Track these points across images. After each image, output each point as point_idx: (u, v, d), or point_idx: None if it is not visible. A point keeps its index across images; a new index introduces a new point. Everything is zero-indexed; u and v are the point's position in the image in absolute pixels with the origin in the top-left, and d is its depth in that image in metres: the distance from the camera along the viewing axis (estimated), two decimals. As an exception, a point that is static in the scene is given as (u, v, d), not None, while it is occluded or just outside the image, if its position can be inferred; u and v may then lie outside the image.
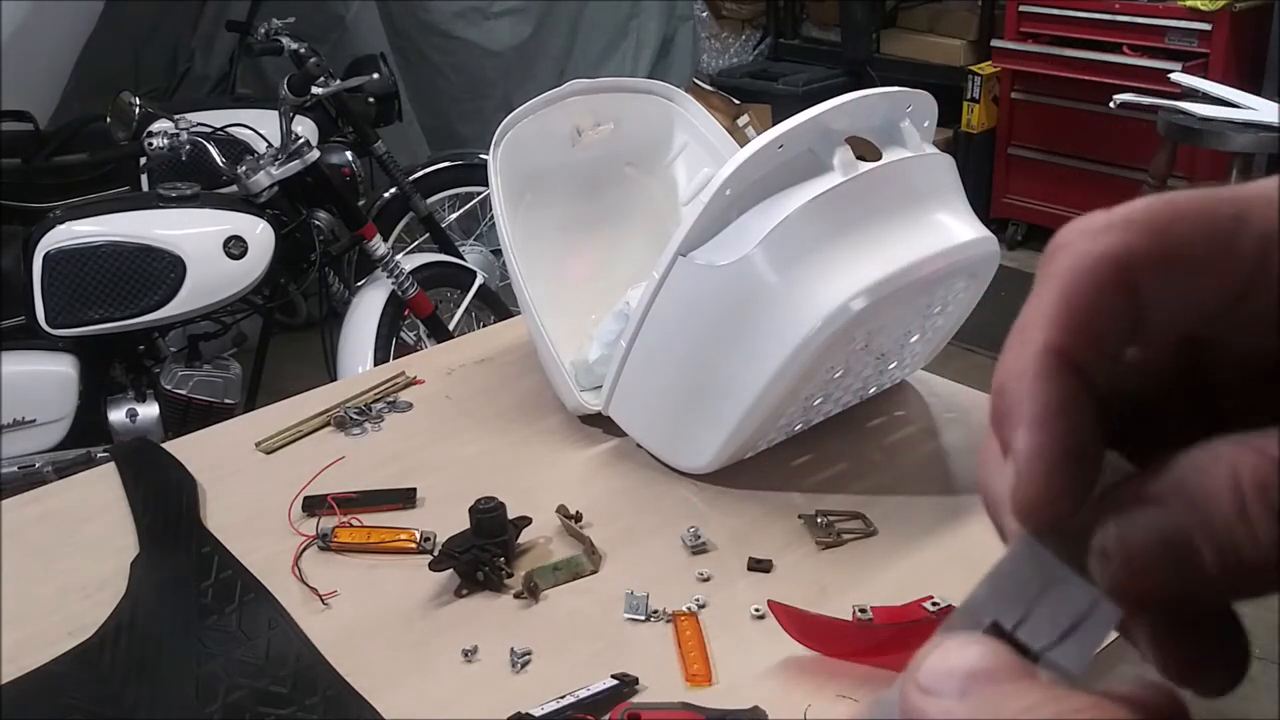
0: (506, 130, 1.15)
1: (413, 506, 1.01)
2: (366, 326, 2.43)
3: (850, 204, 0.93)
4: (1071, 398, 0.22)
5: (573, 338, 1.16)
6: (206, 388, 2.36)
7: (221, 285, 2.28)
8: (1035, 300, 0.23)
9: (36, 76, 3.02)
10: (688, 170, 1.27)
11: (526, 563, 0.92)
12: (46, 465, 2.22)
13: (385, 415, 1.17)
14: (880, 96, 0.98)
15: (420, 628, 0.86)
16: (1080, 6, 3.78)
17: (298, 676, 0.81)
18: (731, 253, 0.93)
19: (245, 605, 0.88)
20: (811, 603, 0.84)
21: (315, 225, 2.46)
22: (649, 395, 1.03)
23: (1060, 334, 0.22)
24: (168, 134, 2.26)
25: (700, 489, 1.02)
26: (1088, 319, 0.22)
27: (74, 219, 2.22)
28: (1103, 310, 0.22)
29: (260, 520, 1.00)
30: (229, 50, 3.47)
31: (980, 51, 4.25)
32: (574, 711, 0.75)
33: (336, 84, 2.56)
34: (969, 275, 1.01)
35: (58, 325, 2.20)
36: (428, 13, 3.86)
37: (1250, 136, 2.79)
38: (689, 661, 0.80)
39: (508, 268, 1.13)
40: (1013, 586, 0.23)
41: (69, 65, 3.20)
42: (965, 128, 4.15)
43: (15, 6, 2.81)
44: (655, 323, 0.99)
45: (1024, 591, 0.23)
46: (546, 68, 4.09)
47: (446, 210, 3.12)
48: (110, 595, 0.90)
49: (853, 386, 1.06)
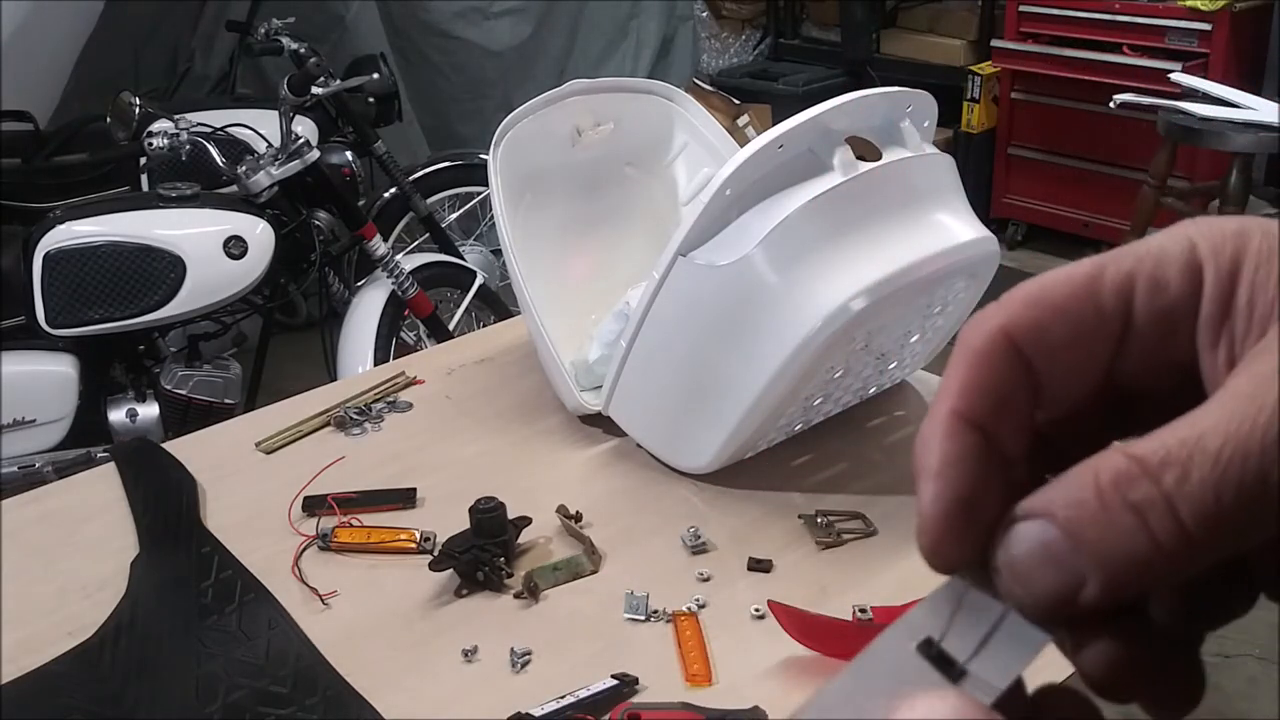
0: (506, 130, 1.15)
1: (413, 506, 1.01)
2: (366, 326, 2.43)
3: (850, 204, 0.93)
4: (967, 452, 0.25)
5: (573, 338, 1.16)
6: (206, 388, 2.36)
7: (221, 285, 2.28)
8: (945, 374, 0.26)
9: (36, 76, 3.02)
10: (688, 170, 1.27)
11: (526, 563, 0.92)
12: (46, 465, 2.22)
13: (385, 415, 1.17)
14: (880, 96, 0.98)
15: (420, 628, 0.86)
16: (1080, 6, 3.78)
17: (298, 676, 0.81)
18: (731, 253, 0.93)
19: (245, 605, 0.88)
20: (811, 603, 0.84)
21: (315, 225, 2.46)
22: (649, 395, 1.03)
23: (959, 399, 0.25)
24: (168, 134, 2.26)
25: (700, 489, 1.02)
26: (982, 383, 0.25)
27: (74, 219, 2.22)
28: (994, 374, 0.25)
29: (260, 520, 1.00)
30: (229, 50, 3.47)
31: (980, 51, 4.25)
32: (574, 711, 0.75)
33: (336, 84, 2.56)
34: (969, 275, 1.01)
35: (58, 325, 2.20)
36: (428, 13, 3.86)
37: (1250, 136, 2.79)
38: (689, 661, 0.80)
39: (508, 268, 1.13)
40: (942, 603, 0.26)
41: (69, 65, 3.20)
42: (965, 128, 4.15)
43: (15, 6, 2.81)
44: (655, 323, 0.99)
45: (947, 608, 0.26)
46: (546, 68, 4.09)
47: (446, 210, 3.12)
48: (110, 595, 0.90)
49: (853, 386, 1.06)
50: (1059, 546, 0.24)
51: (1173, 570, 0.24)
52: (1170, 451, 0.23)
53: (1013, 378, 0.26)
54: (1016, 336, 0.25)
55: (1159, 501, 0.23)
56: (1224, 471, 0.23)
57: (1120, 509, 0.23)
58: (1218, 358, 0.25)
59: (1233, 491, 0.23)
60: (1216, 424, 0.23)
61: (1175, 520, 0.23)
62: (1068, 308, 0.25)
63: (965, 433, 0.25)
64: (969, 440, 0.25)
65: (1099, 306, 0.25)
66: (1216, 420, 0.23)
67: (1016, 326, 0.25)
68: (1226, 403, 0.23)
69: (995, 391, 0.25)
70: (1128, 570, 0.23)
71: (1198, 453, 0.23)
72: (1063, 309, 0.25)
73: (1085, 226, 4.03)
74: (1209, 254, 0.25)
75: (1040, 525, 0.24)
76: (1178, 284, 0.25)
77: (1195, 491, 0.23)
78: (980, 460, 0.25)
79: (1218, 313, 0.25)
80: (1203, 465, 0.23)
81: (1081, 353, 0.26)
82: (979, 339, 0.26)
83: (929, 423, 0.26)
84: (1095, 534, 0.23)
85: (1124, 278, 0.25)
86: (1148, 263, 0.25)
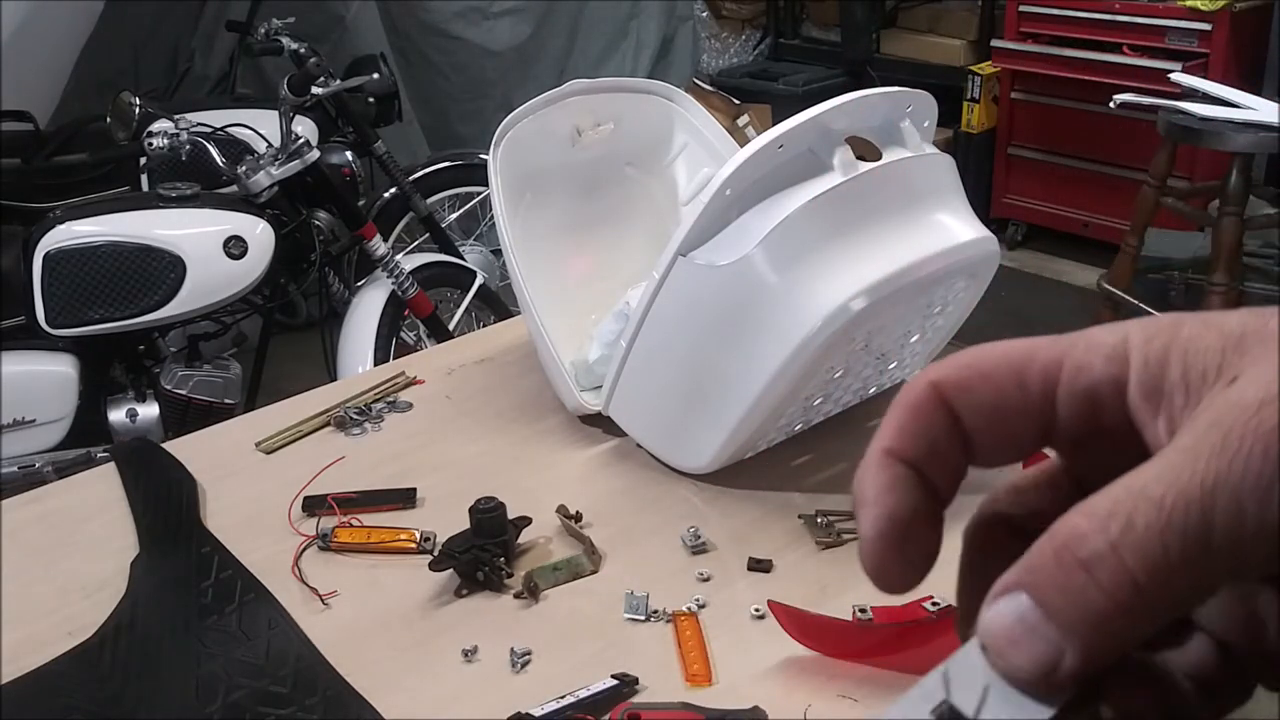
0: (506, 130, 1.15)
1: (413, 506, 1.01)
2: (366, 326, 2.44)
3: (850, 204, 0.93)
4: (897, 481, 0.28)
5: (573, 338, 1.16)
6: (206, 388, 2.36)
7: (221, 285, 2.29)
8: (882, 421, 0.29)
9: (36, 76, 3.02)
10: (688, 170, 1.27)
11: (526, 563, 0.92)
12: (46, 465, 2.22)
13: (385, 415, 1.17)
14: (880, 96, 0.98)
15: (420, 628, 0.86)
16: (1080, 6, 3.78)
17: (298, 676, 0.81)
18: (731, 253, 0.93)
19: (245, 605, 0.88)
20: (811, 603, 0.84)
21: (315, 225, 2.46)
22: (649, 395, 1.03)
23: (891, 440, 0.28)
24: (168, 134, 2.26)
25: (700, 489, 1.02)
26: (911, 428, 0.28)
27: (74, 219, 2.22)
28: (922, 422, 0.28)
29: (260, 520, 1.00)
30: (229, 50, 3.47)
31: (980, 51, 4.25)
32: (574, 711, 0.75)
33: (336, 84, 2.56)
34: (969, 275, 1.01)
35: (58, 325, 2.20)
36: (428, 13, 3.86)
37: (1250, 136, 2.79)
38: (689, 661, 0.80)
39: (508, 268, 1.13)
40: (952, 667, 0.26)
41: (69, 65, 3.20)
42: (965, 128, 4.15)
43: (15, 6, 2.81)
44: (655, 323, 0.99)
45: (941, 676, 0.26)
46: (546, 68, 4.09)
47: (446, 210, 3.12)
48: (110, 595, 0.90)
49: (853, 386, 1.06)
50: (1033, 617, 0.24)
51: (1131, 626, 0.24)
52: (1117, 502, 0.24)
53: (939, 426, 0.28)
54: (945, 391, 0.28)
55: (1106, 554, 0.24)
56: (1168, 517, 0.23)
57: (1073, 568, 0.24)
58: (1158, 429, 0.26)
59: (1178, 537, 0.23)
60: (1159, 474, 0.24)
61: (1124, 571, 0.23)
62: (994, 374, 0.28)
63: (894, 465, 0.28)
64: (898, 471, 0.28)
65: (1023, 380, 0.28)
66: (1159, 470, 0.24)
67: (946, 383, 0.28)
68: (1168, 455, 0.24)
69: (923, 435, 0.28)
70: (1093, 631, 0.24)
71: (1141, 500, 0.24)
72: (989, 374, 0.28)
73: (1085, 226, 4.04)
74: (1139, 340, 0.27)
75: (1013, 598, 0.25)
76: (1101, 367, 0.27)
77: (1141, 539, 0.23)
78: (909, 487, 0.28)
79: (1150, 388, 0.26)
80: (1147, 512, 0.23)
81: (1004, 416, 0.28)
82: (913, 391, 0.29)
83: (864, 462, 0.29)
84: (1058, 599, 0.24)
85: (1051, 360, 0.28)
86: (1078, 348, 0.28)
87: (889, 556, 0.28)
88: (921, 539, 0.28)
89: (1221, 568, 0.23)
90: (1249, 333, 0.26)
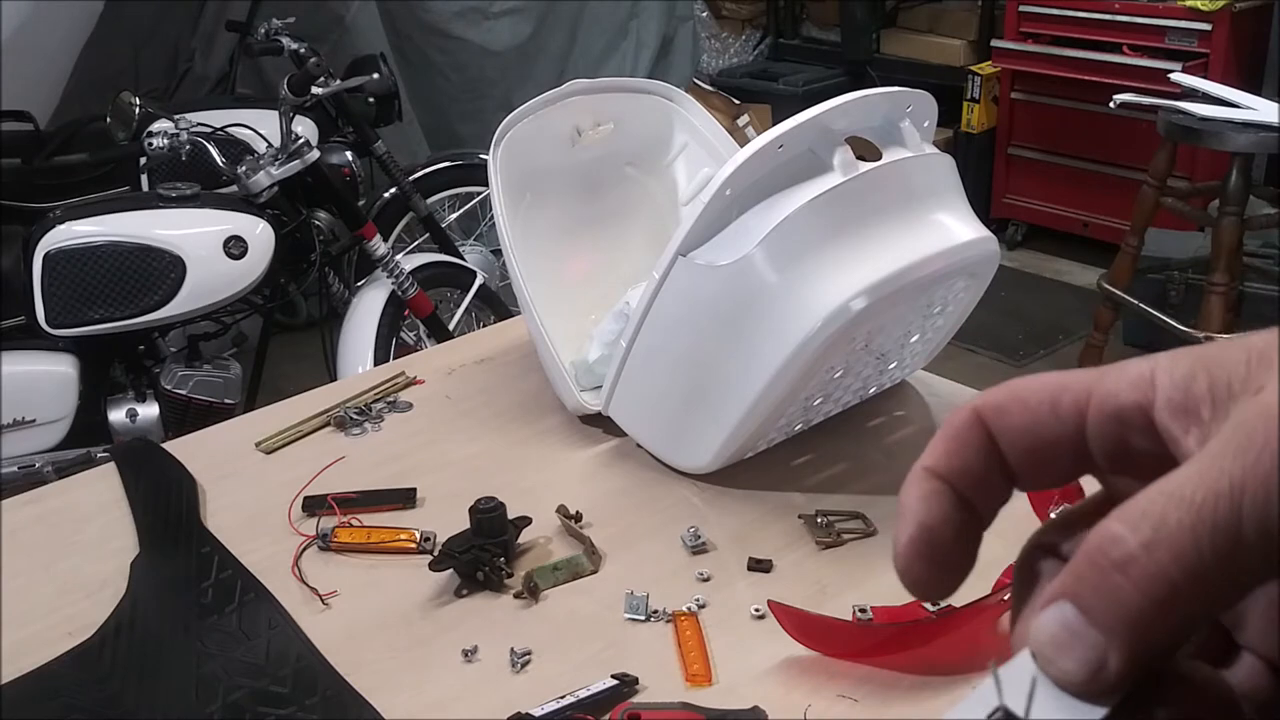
0: (506, 130, 1.15)
1: (413, 506, 1.01)
2: (366, 326, 2.44)
3: (850, 204, 0.93)
4: (931, 493, 0.30)
5: (573, 338, 1.16)
6: (206, 388, 2.36)
7: (221, 285, 2.29)
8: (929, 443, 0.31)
9: (36, 76, 3.02)
10: (688, 170, 1.27)
11: (526, 563, 0.92)
12: (46, 465, 2.22)
13: (385, 415, 1.17)
14: (880, 96, 0.98)
15: (420, 628, 0.86)
16: (1080, 6, 3.78)
17: (298, 676, 0.81)
18: (731, 253, 0.93)
19: (245, 605, 0.88)
20: (811, 603, 0.84)
21: (315, 225, 2.46)
22: (649, 395, 1.03)
23: (931, 458, 0.30)
24: (168, 134, 2.26)
25: (700, 489, 1.02)
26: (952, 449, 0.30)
27: (74, 219, 2.22)
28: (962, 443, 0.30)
29: (260, 520, 1.00)
30: (229, 50, 3.47)
31: (980, 51, 4.26)
32: (574, 711, 0.75)
33: (336, 84, 2.56)
34: (969, 275, 1.01)
35: (58, 325, 2.20)
36: (428, 13, 3.86)
37: (1250, 136, 2.79)
38: (689, 661, 0.80)
39: (508, 268, 1.13)
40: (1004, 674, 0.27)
41: (69, 65, 3.20)
42: (965, 128, 4.15)
43: (15, 6, 2.81)
44: (655, 323, 0.99)
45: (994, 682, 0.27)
46: (546, 68, 4.09)
47: (446, 210, 3.12)
48: (110, 595, 0.90)
49: (853, 386, 1.06)
50: (1076, 622, 0.25)
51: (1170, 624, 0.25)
52: (1150, 504, 0.25)
53: (975, 446, 0.30)
54: (985, 415, 0.30)
55: (1140, 554, 0.24)
56: (1198, 514, 0.24)
57: (1109, 570, 0.25)
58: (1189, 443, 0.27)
59: (1209, 533, 0.24)
60: (1189, 476, 0.25)
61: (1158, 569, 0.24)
62: (1030, 400, 0.30)
63: (931, 480, 0.30)
64: (934, 485, 0.30)
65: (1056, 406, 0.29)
66: (1189, 473, 0.25)
67: (986, 407, 0.30)
68: (1198, 459, 0.25)
69: (959, 454, 0.30)
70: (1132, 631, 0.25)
71: (1172, 501, 0.24)
72: (1025, 400, 0.30)
73: (1085, 226, 4.04)
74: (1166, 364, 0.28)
75: (1058, 607, 0.26)
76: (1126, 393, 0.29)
77: (1173, 537, 0.24)
78: (943, 501, 0.30)
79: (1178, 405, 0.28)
80: (1179, 510, 0.24)
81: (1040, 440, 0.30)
82: (957, 415, 0.31)
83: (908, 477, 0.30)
84: (1097, 601, 0.25)
85: (1082, 388, 0.29)
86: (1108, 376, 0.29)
87: (918, 564, 0.29)
88: (952, 551, 0.30)
89: (1254, 562, 0.24)
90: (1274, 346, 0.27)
